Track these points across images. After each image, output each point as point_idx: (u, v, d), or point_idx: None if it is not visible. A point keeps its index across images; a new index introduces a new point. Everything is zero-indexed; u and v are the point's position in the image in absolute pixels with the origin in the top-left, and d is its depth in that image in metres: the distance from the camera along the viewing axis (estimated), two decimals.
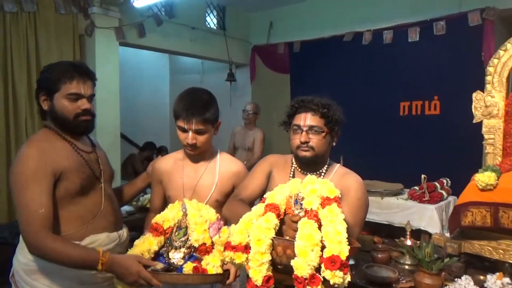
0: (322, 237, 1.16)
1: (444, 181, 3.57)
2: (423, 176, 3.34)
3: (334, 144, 1.58)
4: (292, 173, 1.59)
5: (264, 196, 1.37)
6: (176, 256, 1.44)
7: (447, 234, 2.20)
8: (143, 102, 6.30)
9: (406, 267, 2.08)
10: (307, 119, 1.49)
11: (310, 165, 1.55)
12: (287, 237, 1.24)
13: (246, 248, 1.22)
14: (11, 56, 3.40)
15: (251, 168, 4.43)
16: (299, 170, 1.58)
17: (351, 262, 2.04)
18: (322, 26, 4.81)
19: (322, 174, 1.55)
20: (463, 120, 2.72)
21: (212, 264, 1.40)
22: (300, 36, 4.99)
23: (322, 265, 1.13)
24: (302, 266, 1.12)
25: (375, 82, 4.43)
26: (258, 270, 1.18)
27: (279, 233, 1.26)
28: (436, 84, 4.05)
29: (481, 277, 1.87)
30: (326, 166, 1.58)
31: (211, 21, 5.31)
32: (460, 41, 3.87)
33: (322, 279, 1.13)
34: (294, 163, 1.60)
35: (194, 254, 1.44)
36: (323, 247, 1.15)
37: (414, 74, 4.17)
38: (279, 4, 5.17)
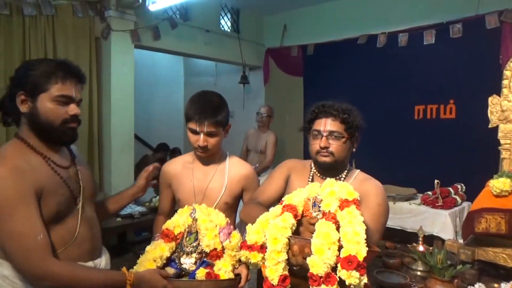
0: (340, 238, 1.15)
1: (459, 186, 3.52)
2: (436, 181, 3.30)
3: (354, 150, 1.56)
4: (311, 177, 1.58)
5: (282, 199, 1.36)
6: (187, 262, 1.45)
7: (461, 241, 2.17)
8: (158, 103, 6.38)
9: (418, 273, 2.05)
10: (327, 124, 1.48)
11: (330, 170, 1.53)
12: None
13: (262, 248, 1.22)
14: (29, 58, 3.47)
15: (263, 170, 4.41)
16: (318, 175, 1.57)
17: None
18: (336, 28, 4.79)
19: (342, 179, 1.54)
20: (479, 124, 2.68)
21: (224, 270, 1.41)
22: (314, 39, 4.98)
23: (339, 265, 1.12)
24: (318, 264, 1.12)
25: (389, 86, 4.39)
26: (275, 269, 1.18)
27: (296, 235, 1.25)
28: (452, 88, 3.99)
29: (495, 285, 1.84)
30: (346, 171, 1.57)
31: (225, 24, 5.34)
32: (477, 44, 3.80)
33: (338, 279, 1.12)
34: (313, 168, 1.60)
35: (205, 259, 1.45)
36: (340, 248, 1.14)
37: (429, 78, 4.11)
38: (293, 7, 5.17)
